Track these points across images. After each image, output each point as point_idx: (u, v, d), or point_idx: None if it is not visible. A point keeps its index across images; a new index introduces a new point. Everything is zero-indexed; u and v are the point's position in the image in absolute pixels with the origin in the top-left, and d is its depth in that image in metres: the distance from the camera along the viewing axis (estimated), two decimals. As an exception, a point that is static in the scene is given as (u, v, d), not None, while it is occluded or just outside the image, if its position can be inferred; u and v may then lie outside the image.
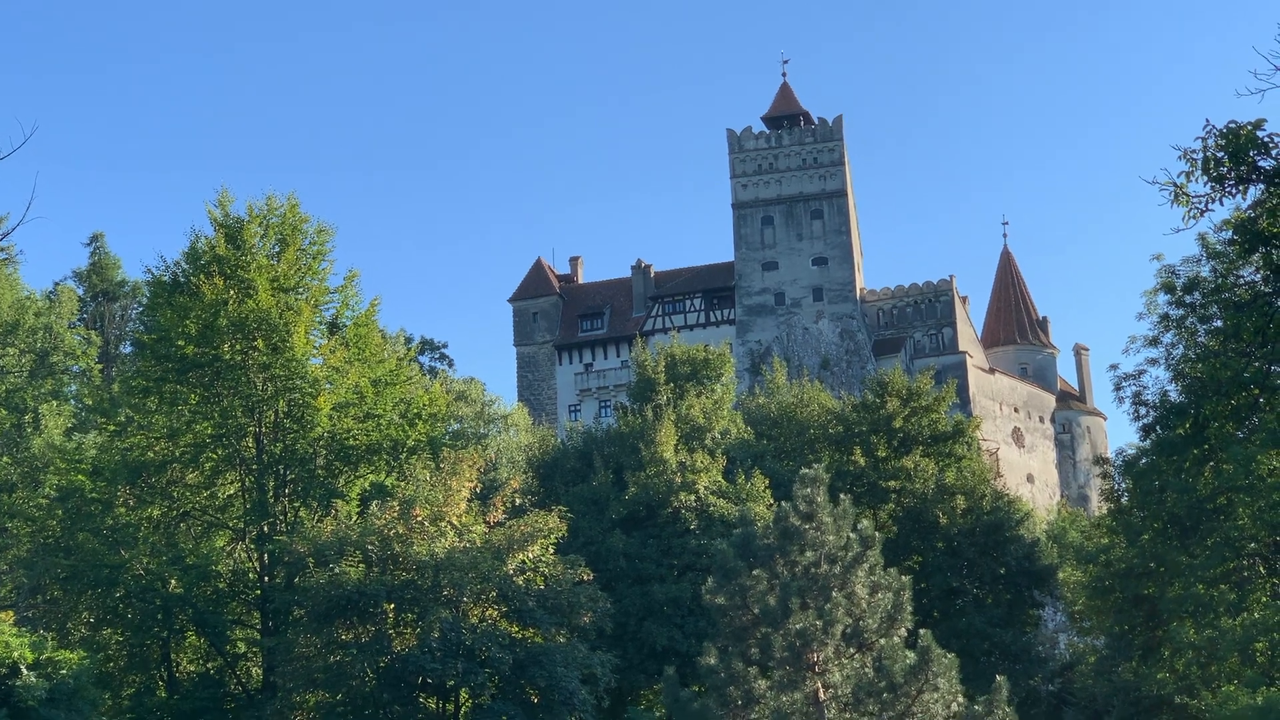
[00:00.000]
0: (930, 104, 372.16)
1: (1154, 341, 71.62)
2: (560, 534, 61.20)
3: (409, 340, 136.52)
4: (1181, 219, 24.09)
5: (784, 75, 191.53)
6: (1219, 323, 65.93)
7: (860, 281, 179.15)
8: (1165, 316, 70.89)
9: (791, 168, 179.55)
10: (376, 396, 70.04)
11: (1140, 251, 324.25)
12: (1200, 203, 24.48)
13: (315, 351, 69.91)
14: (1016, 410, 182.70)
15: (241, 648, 69.43)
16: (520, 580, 58.17)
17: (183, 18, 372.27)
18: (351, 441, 68.95)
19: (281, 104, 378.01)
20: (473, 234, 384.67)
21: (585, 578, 60.68)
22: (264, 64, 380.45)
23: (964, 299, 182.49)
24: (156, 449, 69.22)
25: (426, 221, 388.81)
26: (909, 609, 46.39)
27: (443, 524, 58.75)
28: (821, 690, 44.11)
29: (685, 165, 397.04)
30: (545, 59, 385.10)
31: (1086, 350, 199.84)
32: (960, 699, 45.20)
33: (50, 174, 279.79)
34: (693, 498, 79.10)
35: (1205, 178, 24.24)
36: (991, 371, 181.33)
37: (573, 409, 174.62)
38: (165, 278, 71.46)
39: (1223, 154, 24.12)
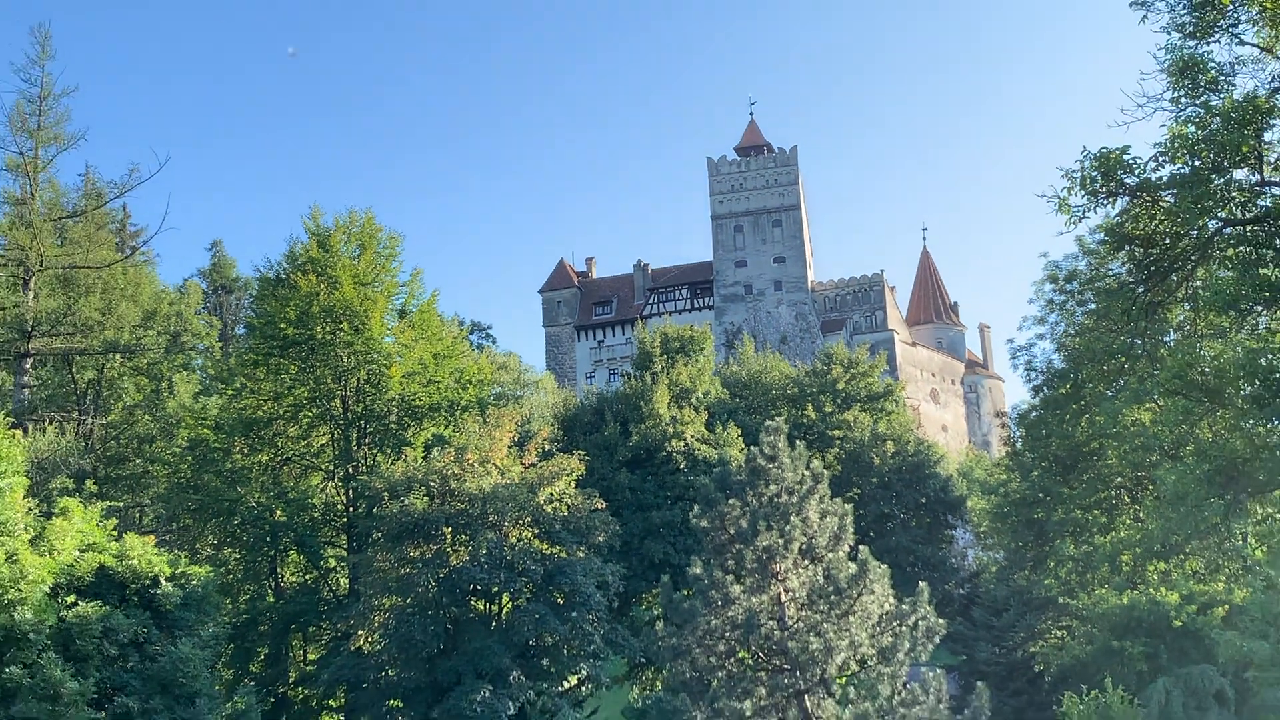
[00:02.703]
0: (866, 133, 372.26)
1: (1042, 320, 71.80)
2: (579, 472, 61.23)
3: (461, 323, 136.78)
4: (1064, 224, 24.07)
5: (751, 115, 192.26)
6: (1093, 306, 65.91)
7: (811, 275, 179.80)
8: (1050, 301, 70.99)
9: (757, 187, 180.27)
10: (436, 367, 70.19)
11: (1031, 249, 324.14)
12: (1079, 212, 24.41)
13: (388, 332, 70.03)
14: (933, 375, 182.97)
15: (332, 563, 69.56)
16: (549, 508, 58.25)
17: (260, 58, 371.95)
18: (417, 402, 69.06)
19: (362, 135, 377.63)
20: (511, 240, 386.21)
21: (599, 506, 60.76)
22: (345, 101, 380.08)
23: (892, 288, 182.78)
24: (264, 408, 69.38)
25: (476, 230, 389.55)
26: (850, 530, 46.35)
27: (488, 465, 58.82)
28: (783, 593, 44.14)
29: (675, 186, 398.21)
30: (569, 105, 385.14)
31: (989, 328, 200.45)
32: (891, 600, 45.20)
33: (180, 193, 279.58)
34: (682, 444, 79.32)
35: (1083, 192, 24.14)
36: (914, 345, 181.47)
37: (588, 376, 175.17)
38: (270, 275, 71.62)
39: (1096, 173, 24.02)
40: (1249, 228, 24.74)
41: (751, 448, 49.93)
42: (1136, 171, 24.40)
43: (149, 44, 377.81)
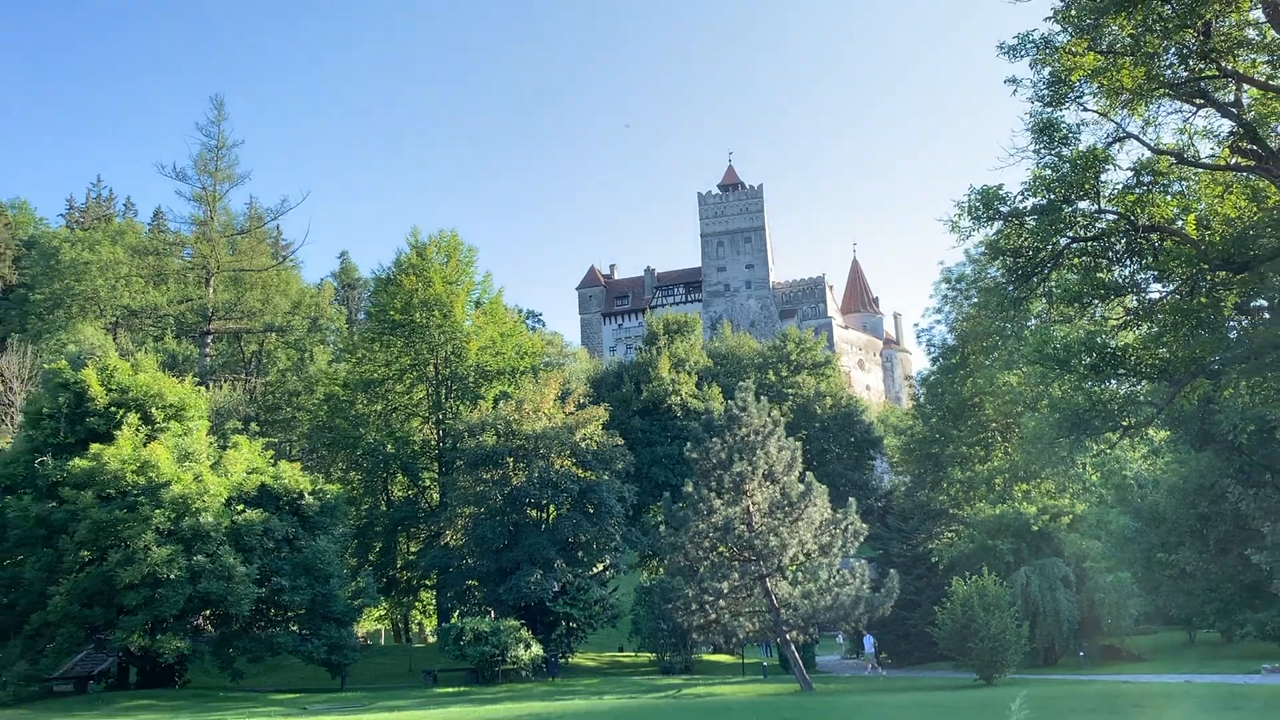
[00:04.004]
0: (813, 172, 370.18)
1: (939, 310, 71.66)
2: (604, 419, 61.36)
3: (520, 311, 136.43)
4: (956, 240, 24.12)
5: (730, 162, 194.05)
6: (975, 299, 65.86)
7: (772, 277, 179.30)
8: (945, 296, 70.83)
9: (733, 213, 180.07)
10: (502, 342, 70.25)
11: (932, 257, 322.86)
12: (966, 231, 24.34)
13: (467, 317, 70.13)
14: (860, 349, 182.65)
15: (427, 483, 69.90)
16: (582, 444, 58.38)
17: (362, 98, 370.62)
18: (488, 368, 69.19)
19: (455, 169, 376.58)
20: (557, 250, 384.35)
21: (619, 443, 60.91)
22: (442, 145, 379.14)
23: (830, 287, 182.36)
24: (378, 372, 69.59)
25: (533, 242, 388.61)
26: (799, 460, 46.49)
27: (539, 413, 58.95)
28: (751, 506, 44.28)
29: (675, 212, 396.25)
30: (602, 157, 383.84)
31: (900, 315, 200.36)
32: (828, 510, 45.34)
33: (318, 217, 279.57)
34: (678, 399, 79.38)
35: (969, 217, 24.10)
36: (846, 327, 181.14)
37: (611, 349, 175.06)
38: (383, 276, 71.72)
39: (979, 204, 23.99)
40: (1089, 243, 24.66)
41: (729, 401, 50.14)
42: (1008, 202, 24.28)
43: (296, 104, 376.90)
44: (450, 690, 46.67)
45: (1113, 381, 27.78)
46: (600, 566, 60.86)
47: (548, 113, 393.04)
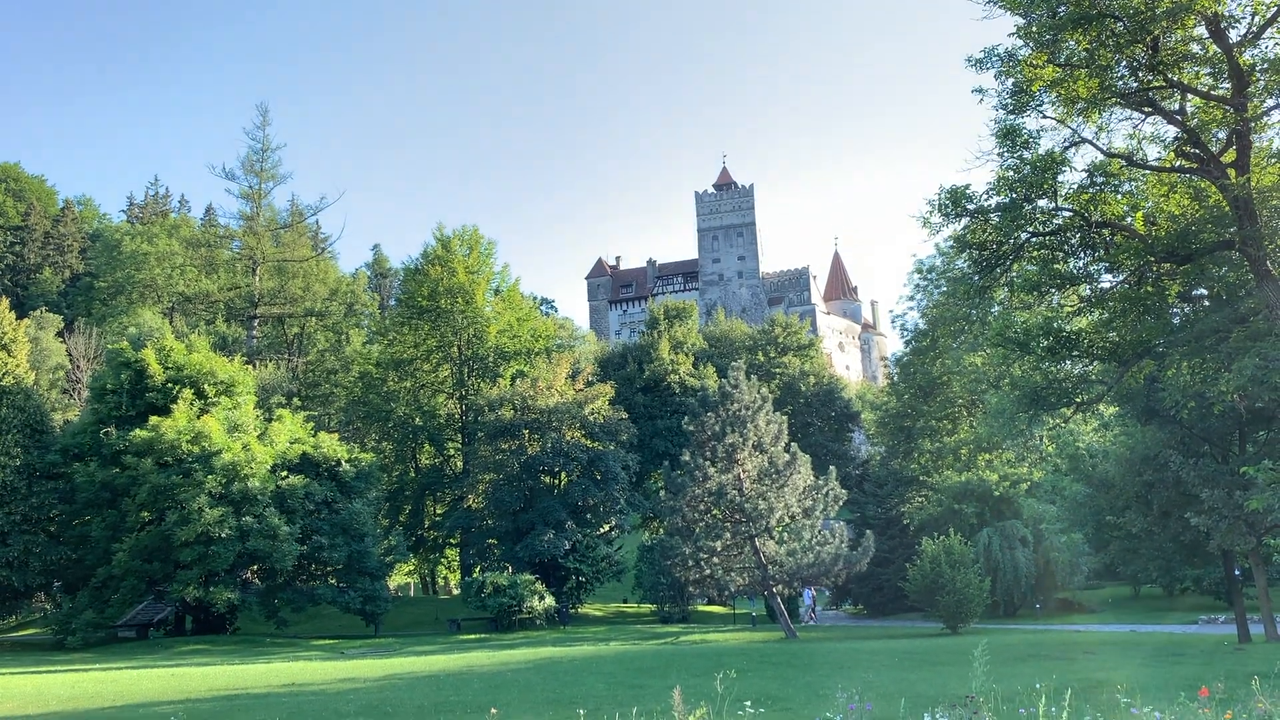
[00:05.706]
0: (800, 172, 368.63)
1: (911, 298, 71.55)
2: (610, 395, 61.38)
3: (534, 298, 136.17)
4: (927, 235, 24.00)
5: (724, 162, 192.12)
6: (944, 288, 65.64)
7: (762, 268, 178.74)
8: (917, 285, 70.68)
9: (727, 210, 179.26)
10: (518, 326, 70.20)
11: (906, 250, 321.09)
12: (936, 227, 24.24)
13: (487, 304, 70.01)
14: (840, 333, 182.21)
15: (452, 452, 70.00)
16: (591, 418, 58.42)
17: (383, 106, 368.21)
18: (506, 349, 69.13)
19: (481, 170, 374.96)
20: (569, 244, 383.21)
21: (623, 417, 60.92)
22: (468, 149, 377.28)
23: (814, 277, 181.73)
24: (407, 353, 69.56)
25: (546, 235, 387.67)
26: (785, 432, 46.45)
27: (552, 390, 58.93)
28: (742, 473, 44.29)
29: (674, 209, 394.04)
30: (612, 159, 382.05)
31: (877, 301, 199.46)
32: (811, 477, 45.37)
33: (353, 213, 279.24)
34: (677, 377, 79.30)
35: (939, 214, 24.01)
36: (828, 314, 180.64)
37: (617, 333, 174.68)
38: (411, 266, 71.74)
39: (948, 202, 23.88)
40: (1047, 238, 24.56)
41: (722, 380, 50.17)
42: (974, 201, 24.17)
43: (331, 110, 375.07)
44: (472, 637, 46.90)
45: (1067, 362, 27.73)
46: (606, 527, 61.05)
47: (561, 119, 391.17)
